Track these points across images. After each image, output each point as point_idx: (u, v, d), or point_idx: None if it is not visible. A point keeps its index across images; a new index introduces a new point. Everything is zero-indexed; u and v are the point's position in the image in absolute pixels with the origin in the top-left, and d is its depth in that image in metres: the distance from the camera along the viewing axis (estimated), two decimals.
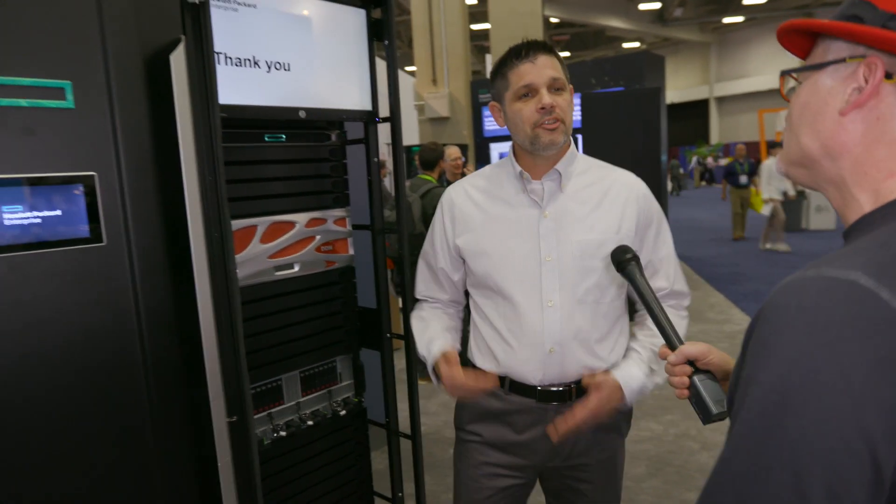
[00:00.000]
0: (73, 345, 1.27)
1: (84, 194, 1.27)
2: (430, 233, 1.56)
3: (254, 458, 1.48)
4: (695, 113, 31.06)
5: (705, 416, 0.96)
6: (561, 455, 1.46)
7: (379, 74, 1.81)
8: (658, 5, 22.96)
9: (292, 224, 1.70)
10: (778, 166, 0.83)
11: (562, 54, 1.52)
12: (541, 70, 1.35)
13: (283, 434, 1.70)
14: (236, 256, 1.49)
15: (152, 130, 1.36)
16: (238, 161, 1.59)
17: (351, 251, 1.86)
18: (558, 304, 1.38)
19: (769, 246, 9.22)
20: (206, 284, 1.39)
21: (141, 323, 1.36)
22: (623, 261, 1.24)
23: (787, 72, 0.78)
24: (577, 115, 8.36)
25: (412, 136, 10.05)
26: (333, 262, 1.82)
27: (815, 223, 10.82)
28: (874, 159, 0.67)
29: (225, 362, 1.43)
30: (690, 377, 0.99)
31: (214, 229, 1.40)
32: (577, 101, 8.36)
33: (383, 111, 1.81)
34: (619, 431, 1.52)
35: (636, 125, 5.66)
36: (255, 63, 1.53)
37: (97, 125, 1.28)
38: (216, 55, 1.39)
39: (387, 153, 5.43)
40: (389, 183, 5.96)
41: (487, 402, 1.47)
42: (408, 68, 15.44)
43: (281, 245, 1.67)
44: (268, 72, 1.56)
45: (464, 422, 1.54)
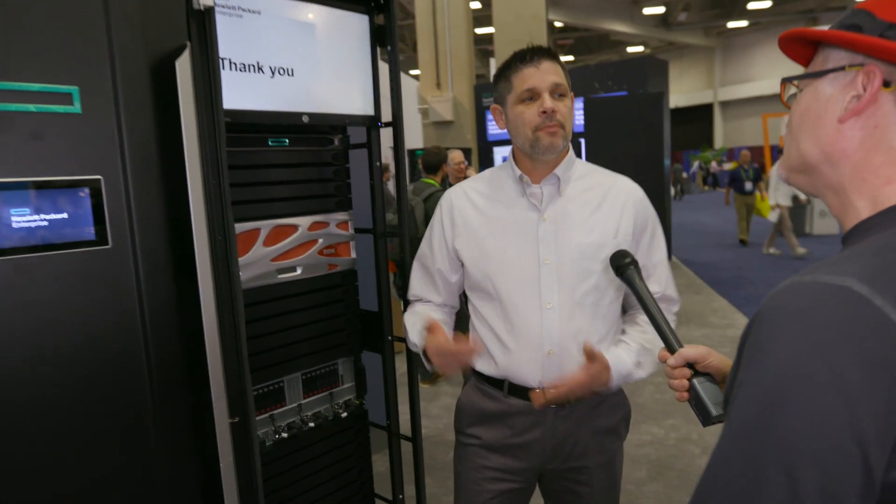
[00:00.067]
0: (78, 345, 1.29)
1: (90, 198, 1.28)
2: (429, 235, 1.56)
3: (255, 459, 1.49)
4: (699, 117, 31.03)
5: (705, 419, 0.97)
6: (560, 457, 1.47)
7: (382, 79, 1.82)
8: (662, 10, 22.97)
9: (295, 227, 1.72)
10: (779, 172, 0.84)
11: (566, 58, 1.54)
12: (544, 75, 1.37)
13: (284, 435, 1.71)
14: (239, 259, 1.51)
15: (158, 135, 1.38)
16: (242, 165, 1.60)
17: (353, 254, 1.87)
18: (557, 306, 1.39)
19: (773, 251, 9.20)
20: (209, 287, 1.41)
21: (145, 324, 1.38)
22: (622, 265, 1.26)
23: (787, 79, 0.79)
24: (579, 120, 8.38)
25: (416, 140, 10.06)
26: (336, 265, 1.83)
27: (818, 228, 10.80)
28: (872, 166, 0.68)
29: (227, 364, 1.45)
30: (690, 380, 0.99)
31: (218, 232, 1.41)
32: (580, 105, 8.39)
33: (387, 116, 1.83)
34: (617, 434, 1.52)
35: (639, 130, 5.68)
36: (260, 68, 1.55)
37: (104, 130, 1.30)
38: (221, 61, 1.41)
39: (390, 157, 5.45)
40: (393, 186, 5.98)
41: (486, 404, 1.48)
42: (412, 72, 15.48)
43: (284, 248, 1.69)
44: (272, 77, 1.58)
45: (463, 425, 1.55)
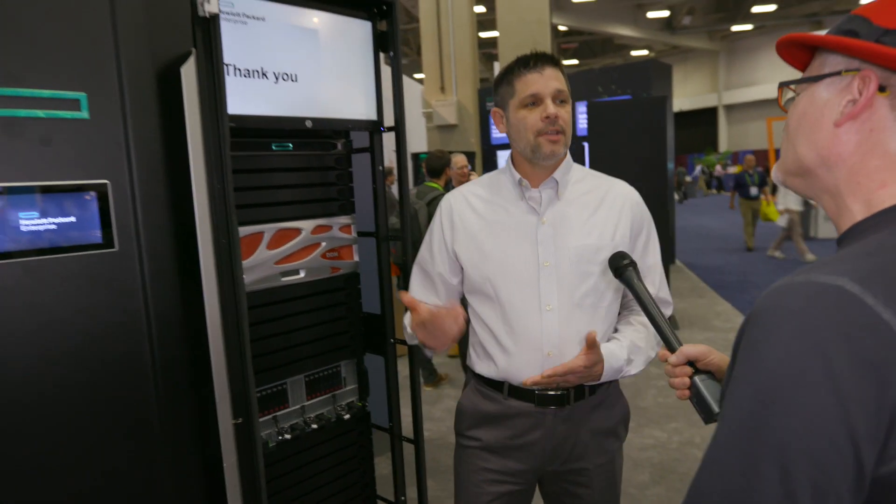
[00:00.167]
0: (85, 347, 1.31)
1: (97, 201, 1.31)
2: (429, 238, 1.57)
3: (259, 459, 1.50)
4: (703, 120, 30.98)
5: (707, 416, 0.97)
6: (559, 458, 1.48)
7: (385, 84, 1.84)
8: (667, 13, 22.96)
9: (298, 231, 1.73)
10: (775, 175, 0.85)
11: (570, 62, 1.55)
12: (547, 81, 1.39)
13: (287, 437, 1.72)
14: (243, 262, 1.53)
15: (163, 140, 1.40)
16: (246, 169, 1.62)
17: (356, 258, 1.89)
18: (556, 308, 1.41)
19: (777, 254, 9.16)
20: (213, 289, 1.42)
21: (150, 326, 1.40)
22: (620, 266, 1.27)
23: (785, 83, 0.80)
24: (583, 123, 8.39)
25: (420, 144, 10.08)
26: (339, 268, 1.85)
27: (823, 232, 10.76)
28: (867, 169, 0.69)
29: (231, 365, 1.46)
30: (691, 377, 1.00)
31: (222, 235, 1.43)
32: (583, 108, 8.39)
33: (389, 120, 1.85)
34: (617, 435, 1.54)
35: (642, 133, 5.67)
36: (264, 74, 1.57)
37: (110, 135, 1.32)
38: (225, 67, 1.43)
39: (394, 160, 5.47)
40: (396, 190, 6.00)
41: (487, 406, 1.50)
42: (416, 75, 15.52)
43: (287, 251, 1.71)
44: (275, 82, 1.60)
45: (463, 427, 1.57)
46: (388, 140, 1.88)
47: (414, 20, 17.09)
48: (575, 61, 27.91)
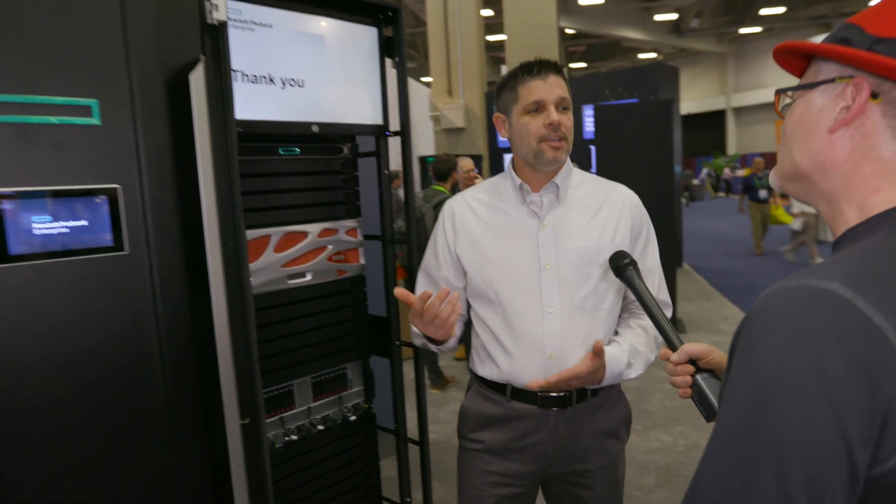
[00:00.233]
0: (95, 348, 1.33)
1: (108, 205, 1.33)
2: (432, 244, 1.59)
3: (265, 460, 1.52)
4: (712, 123, 30.87)
5: (709, 414, 0.98)
6: (562, 460, 1.49)
7: (392, 87, 1.86)
8: (675, 16, 22.91)
9: (305, 234, 1.75)
10: (772, 180, 0.86)
11: (578, 65, 1.56)
12: (551, 88, 1.41)
13: (294, 438, 1.74)
14: (250, 265, 1.55)
15: (172, 145, 1.43)
16: (253, 173, 1.65)
17: (362, 260, 1.91)
18: (558, 310, 1.42)
19: (790, 256, 9.08)
20: (221, 292, 1.45)
21: (159, 327, 1.42)
22: (621, 266, 1.29)
23: (781, 90, 0.82)
24: (590, 127, 8.38)
25: (428, 147, 10.11)
26: (345, 271, 1.87)
27: (832, 235, 10.66)
28: (861, 175, 0.71)
29: (238, 367, 1.48)
30: (693, 376, 1.01)
31: (230, 239, 1.45)
32: (590, 112, 8.39)
33: (396, 125, 1.87)
34: (618, 437, 1.55)
35: (649, 136, 5.67)
36: (271, 80, 1.59)
37: (121, 140, 1.35)
38: (233, 73, 1.46)
39: (400, 164, 5.48)
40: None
41: (490, 408, 1.51)
42: (424, 79, 15.56)
43: (294, 254, 1.73)
44: (282, 88, 1.62)
45: (466, 430, 1.58)
46: (395, 144, 1.90)
47: (421, 24, 17.14)
48: (583, 64, 27.89)
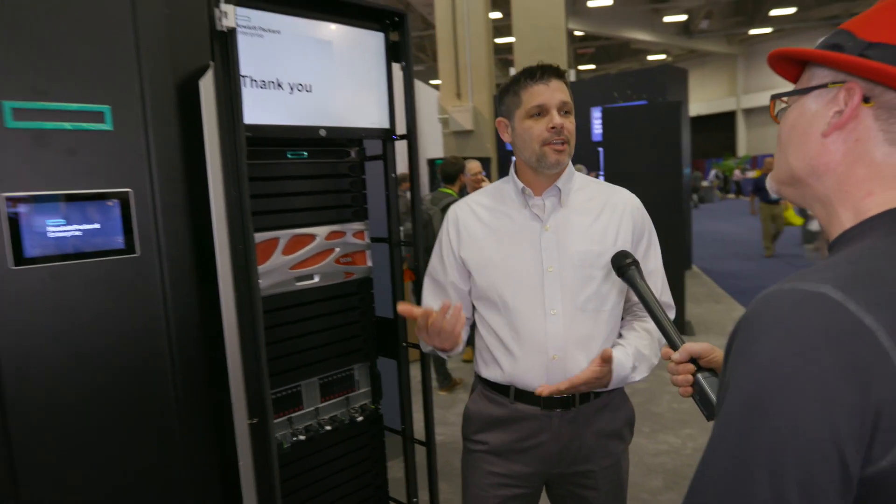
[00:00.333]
0: (107, 348, 1.36)
1: (120, 209, 1.36)
2: (438, 249, 1.60)
3: (273, 460, 1.54)
4: (721, 125, 30.70)
5: (710, 413, 0.99)
6: (565, 461, 1.50)
7: (398, 91, 1.88)
8: (684, 17, 22.82)
9: (313, 237, 1.78)
10: (769, 184, 0.87)
11: (587, 67, 1.57)
12: (553, 92, 1.42)
13: (302, 438, 1.76)
14: (259, 267, 1.57)
15: (182, 149, 1.46)
16: (262, 177, 1.67)
17: (369, 263, 1.93)
18: (560, 312, 1.43)
19: (811, 257, 8.95)
20: (230, 293, 1.47)
21: (170, 329, 1.45)
22: (623, 265, 1.30)
23: (776, 95, 0.83)
24: (598, 129, 8.37)
25: (436, 150, 10.13)
26: (352, 273, 1.88)
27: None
28: (855, 178, 0.71)
29: (247, 367, 1.50)
30: (694, 375, 1.02)
31: (239, 241, 1.48)
32: (598, 114, 8.37)
33: (402, 129, 1.89)
34: (622, 438, 1.55)
35: (657, 138, 5.65)
36: (279, 85, 1.62)
37: (133, 145, 1.38)
38: (242, 79, 1.48)
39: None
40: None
41: (493, 410, 1.52)
42: (432, 81, 15.59)
43: (302, 257, 1.75)
44: (290, 93, 1.64)
45: (471, 431, 1.60)
46: (403, 147, 1.92)
47: (430, 27, 17.19)
48: (591, 66, 27.82)
